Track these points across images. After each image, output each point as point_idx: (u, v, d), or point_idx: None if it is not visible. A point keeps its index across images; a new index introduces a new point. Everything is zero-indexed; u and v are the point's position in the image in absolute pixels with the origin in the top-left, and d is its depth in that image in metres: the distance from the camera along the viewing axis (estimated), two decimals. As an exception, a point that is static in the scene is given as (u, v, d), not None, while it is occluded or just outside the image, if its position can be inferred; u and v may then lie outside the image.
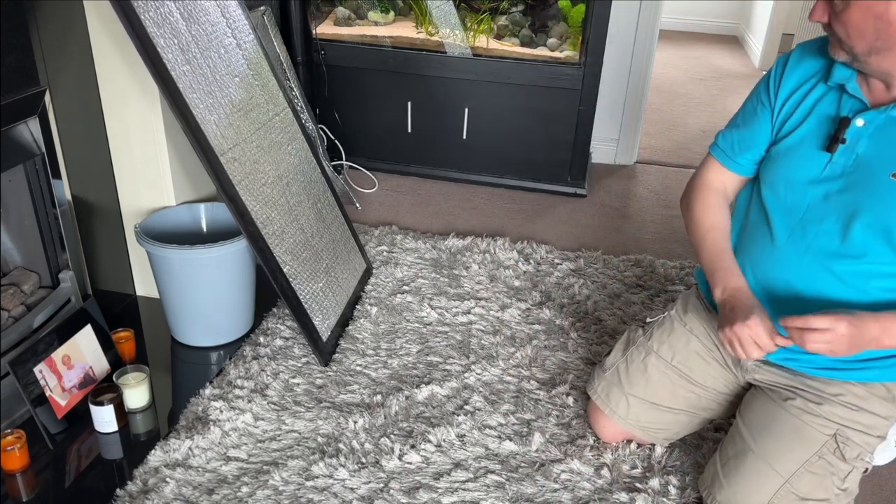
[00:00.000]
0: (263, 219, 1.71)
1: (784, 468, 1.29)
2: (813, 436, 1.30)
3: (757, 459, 1.31)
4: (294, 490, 1.44)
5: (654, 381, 1.51)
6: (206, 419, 1.61)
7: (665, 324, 1.56)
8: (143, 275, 2.02)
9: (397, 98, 2.86)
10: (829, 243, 1.26)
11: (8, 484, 1.44)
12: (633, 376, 1.53)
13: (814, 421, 1.30)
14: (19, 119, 1.59)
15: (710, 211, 1.44)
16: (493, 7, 2.89)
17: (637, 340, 1.58)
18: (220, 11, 1.80)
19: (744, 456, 1.33)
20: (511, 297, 2.13)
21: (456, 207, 2.74)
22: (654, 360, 1.52)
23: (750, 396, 1.44)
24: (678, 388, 1.50)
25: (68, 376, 1.60)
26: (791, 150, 1.32)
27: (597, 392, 1.58)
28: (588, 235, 2.56)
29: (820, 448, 1.29)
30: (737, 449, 1.36)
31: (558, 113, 2.74)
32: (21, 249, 1.78)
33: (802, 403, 1.33)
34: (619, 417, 1.54)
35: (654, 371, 1.51)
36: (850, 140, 1.23)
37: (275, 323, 1.96)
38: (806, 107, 1.31)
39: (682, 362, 1.50)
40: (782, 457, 1.29)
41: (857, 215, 1.22)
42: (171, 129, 1.84)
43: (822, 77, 1.29)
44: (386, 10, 2.99)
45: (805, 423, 1.31)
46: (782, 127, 1.34)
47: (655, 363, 1.52)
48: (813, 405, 1.31)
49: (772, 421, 1.34)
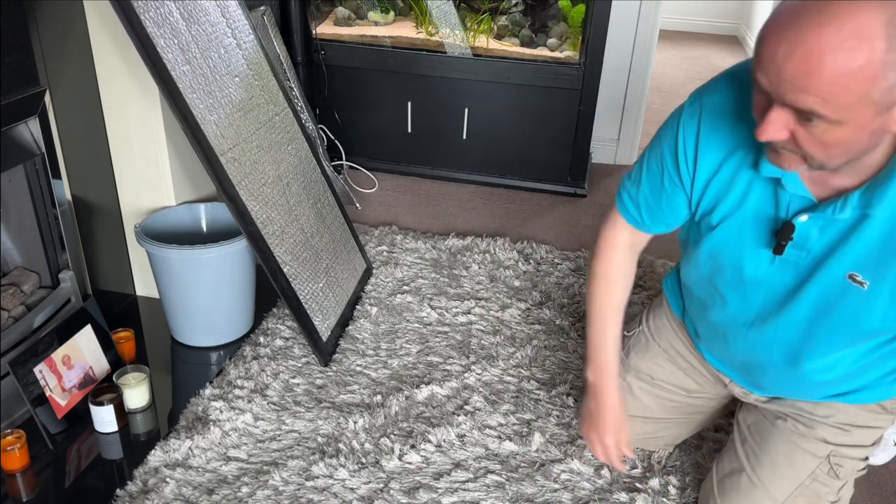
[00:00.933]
0: (263, 219, 1.71)
1: (778, 492, 1.26)
2: (806, 460, 1.25)
3: (750, 482, 1.28)
4: (294, 490, 1.44)
5: (641, 399, 1.48)
6: (206, 419, 1.61)
7: (640, 340, 1.51)
8: (143, 275, 2.02)
9: (397, 98, 2.86)
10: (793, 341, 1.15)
11: (8, 484, 1.44)
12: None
13: (806, 444, 1.25)
14: (19, 119, 1.59)
15: (608, 285, 1.32)
16: (493, 7, 2.89)
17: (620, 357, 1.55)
18: (220, 11, 1.80)
19: (738, 476, 1.30)
20: (511, 297, 2.13)
21: (456, 207, 2.74)
22: (635, 380, 1.48)
23: (745, 406, 1.40)
24: (666, 402, 1.47)
25: (68, 376, 1.60)
26: (727, 242, 1.13)
27: None
28: (588, 235, 2.55)
29: (813, 471, 1.25)
30: (732, 466, 1.33)
31: (558, 113, 2.74)
32: (21, 249, 1.78)
33: (793, 425, 1.27)
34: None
35: (638, 391, 1.48)
36: (797, 239, 1.04)
37: (275, 323, 1.96)
38: (734, 198, 1.09)
39: (663, 379, 1.46)
40: (775, 482, 1.26)
41: (818, 321, 1.09)
42: (171, 129, 1.84)
43: (745, 157, 1.05)
44: (386, 10, 2.99)
45: (797, 447, 1.26)
46: (706, 215, 1.15)
47: (638, 383, 1.48)
48: (804, 428, 1.26)
49: (764, 442, 1.30)
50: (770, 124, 0.85)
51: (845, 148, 0.86)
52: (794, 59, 0.78)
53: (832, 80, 0.77)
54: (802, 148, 0.87)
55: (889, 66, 0.75)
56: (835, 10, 0.75)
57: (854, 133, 0.83)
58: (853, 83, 0.76)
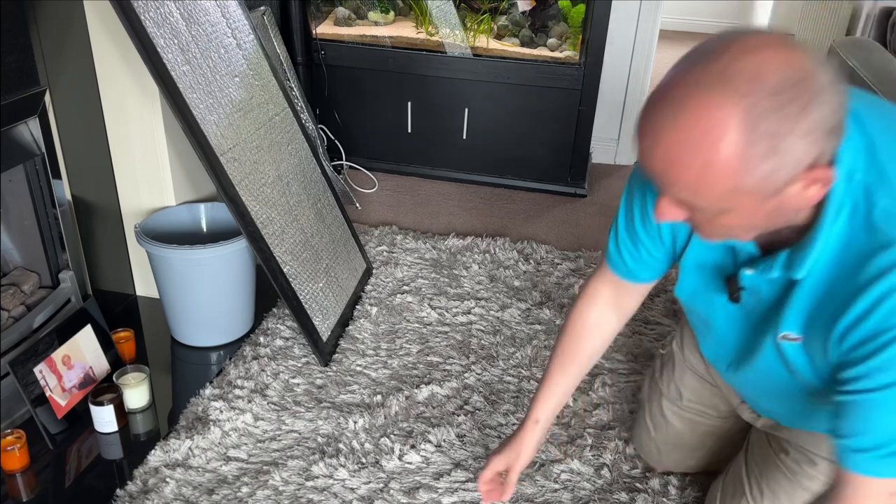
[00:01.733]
0: (263, 219, 1.71)
1: None
2: (806, 498, 1.23)
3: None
4: (294, 490, 1.44)
5: (673, 424, 1.47)
6: (206, 419, 1.61)
7: (669, 360, 1.50)
8: (143, 275, 2.02)
9: (397, 98, 2.86)
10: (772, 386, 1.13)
11: (8, 484, 1.44)
12: (656, 420, 1.50)
13: (808, 482, 1.22)
14: (19, 119, 1.59)
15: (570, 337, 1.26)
16: (493, 7, 2.89)
17: (654, 376, 1.53)
18: (220, 11, 1.80)
19: (740, 499, 1.30)
20: (511, 297, 2.13)
21: (456, 207, 2.74)
22: (667, 403, 1.47)
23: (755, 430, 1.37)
24: (697, 426, 1.46)
25: (68, 376, 1.60)
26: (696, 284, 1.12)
27: (632, 437, 1.59)
28: (588, 235, 2.55)
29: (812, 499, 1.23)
30: (736, 489, 1.32)
31: (558, 113, 2.74)
32: (21, 249, 1.78)
33: (795, 461, 1.23)
34: (655, 462, 1.53)
35: (670, 415, 1.47)
36: (748, 287, 1.01)
37: (275, 323, 1.96)
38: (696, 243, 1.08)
39: (691, 399, 1.44)
40: None
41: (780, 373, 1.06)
42: (171, 129, 1.84)
43: None
44: (386, 10, 2.99)
45: (799, 485, 1.23)
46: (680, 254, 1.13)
47: (669, 406, 1.47)
48: (807, 465, 1.22)
49: (768, 474, 1.28)
50: (661, 213, 0.85)
51: (748, 228, 0.85)
52: (656, 156, 0.78)
53: (694, 176, 0.76)
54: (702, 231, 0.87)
55: (753, 160, 0.73)
56: (691, 106, 0.74)
57: (748, 218, 0.81)
58: (717, 178, 0.75)
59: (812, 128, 0.72)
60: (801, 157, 0.74)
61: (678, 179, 0.78)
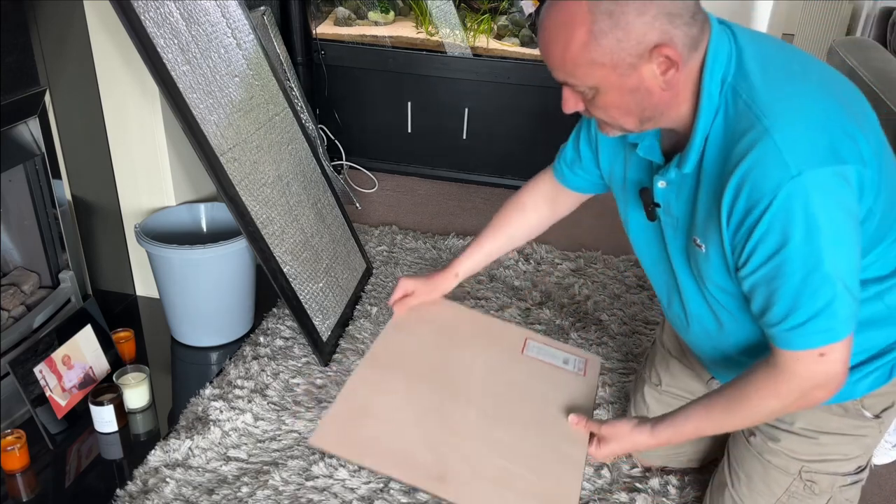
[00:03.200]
0: (263, 219, 1.71)
1: None
2: (778, 477, 1.25)
3: (732, 500, 1.30)
4: (294, 490, 1.44)
5: (654, 411, 1.47)
6: (206, 419, 1.61)
7: (651, 348, 1.54)
8: (143, 275, 2.02)
9: (397, 98, 2.86)
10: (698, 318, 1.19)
11: (8, 484, 1.44)
12: (639, 408, 1.52)
13: (775, 460, 1.24)
14: (19, 119, 1.59)
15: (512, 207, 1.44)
16: (493, 7, 2.90)
17: (639, 368, 1.55)
18: (220, 11, 1.80)
19: (724, 490, 1.32)
20: (511, 296, 2.13)
21: (456, 207, 2.74)
22: (648, 389, 1.50)
23: None
24: None
25: (68, 376, 1.60)
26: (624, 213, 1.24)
27: None
28: (588, 235, 2.55)
29: (788, 488, 1.24)
30: (720, 479, 1.34)
31: (558, 113, 2.73)
32: (21, 249, 1.78)
33: (762, 440, 1.26)
34: (643, 455, 1.53)
35: (651, 400, 1.49)
36: (662, 203, 1.10)
37: (275, 323, 1.96)
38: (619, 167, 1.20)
39: (669, 384, 1.47)
40: (754, 499, 1.27)
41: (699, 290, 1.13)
42: (171, 129, 1.84)
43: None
44: (386, 10, 2.99)
45: (769, 464, 1.25)
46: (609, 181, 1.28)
47: (650, 392, 1.49)
48: (772, 443, 1.24)
49: (741, 459, 1.30)
50: (564, 102, 1.02)
51: (624, 109, 0.98)
52: (541, 46, 0.98)
53: (560, 54, 0.94)
54: (595, 116, 1.02)
55: (600, 33, 0.90)
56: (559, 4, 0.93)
57: (618, 95, 0.96)
58: (576, 53, 0.92)
59: (646, 8, 0.88)
60: (643, 32, 0.89)
61: (552, 60, 0.96)
